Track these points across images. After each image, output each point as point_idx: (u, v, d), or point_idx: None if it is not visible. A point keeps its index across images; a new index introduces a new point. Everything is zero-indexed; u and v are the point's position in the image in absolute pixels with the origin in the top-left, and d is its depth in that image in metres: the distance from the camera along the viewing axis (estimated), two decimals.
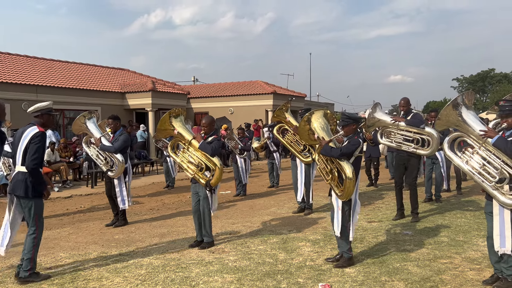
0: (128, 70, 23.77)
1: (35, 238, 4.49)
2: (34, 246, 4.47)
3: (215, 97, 22.23)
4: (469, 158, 4.00)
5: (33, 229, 4.50)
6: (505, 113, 3.89)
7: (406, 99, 6.86)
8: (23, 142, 4.46)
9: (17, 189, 4.43)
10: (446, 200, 8.39)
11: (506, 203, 3.80)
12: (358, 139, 4.59)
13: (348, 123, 4.68)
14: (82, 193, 10.64)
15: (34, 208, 4.49)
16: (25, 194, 4.42)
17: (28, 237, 4.49)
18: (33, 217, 4.49)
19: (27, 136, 4.48)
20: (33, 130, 4.51)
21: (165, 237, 6.18)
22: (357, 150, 4.53)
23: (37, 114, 4.64)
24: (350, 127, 4.68)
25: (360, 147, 4.55)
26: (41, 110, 4.66)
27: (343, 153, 4.50)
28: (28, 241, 4.47)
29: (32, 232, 4.50)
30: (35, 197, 4.49)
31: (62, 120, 16.42)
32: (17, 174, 4.48)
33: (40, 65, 18.17)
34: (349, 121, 4.68)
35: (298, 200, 7.50)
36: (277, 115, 7.69)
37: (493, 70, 62.15)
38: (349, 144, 4.57)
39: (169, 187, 11.28)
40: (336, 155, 4.52)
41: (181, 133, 5.48)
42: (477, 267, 4.56)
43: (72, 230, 6.96)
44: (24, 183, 4.41)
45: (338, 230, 4.66)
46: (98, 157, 7.05)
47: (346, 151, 4.52)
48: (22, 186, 4.41)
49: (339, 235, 4.69)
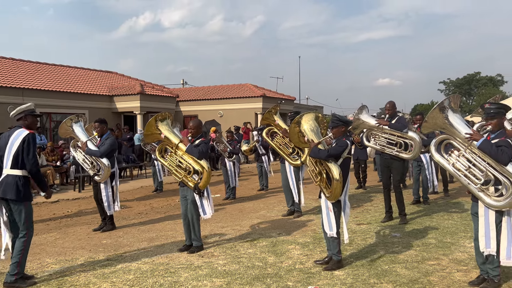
0: (116, 73, 23.63)
1: (25, 241, 4.45)
2: (23, 250, 4.41)
3: (204, 100, 22.19)
4: (455, 161, 4.05)
5: (24, 232, 4.46)
6: (490, 115, 3.94)
7: (391, 102, 6.92)
8: (13, 146, 4.43)
9: (7, 192, 4.38)
10: (434, 202, 8.47)
11: (492, 204, 3.86)
12: (346, 140, 4.62)
13: (338, 125, 4.72)
14: (69, 198, 10.52)
15: (25, 212, 4.45)
16: (17, 198, 4.38)
17: (18, 240, 4.44)
18: (24, 221, 4.45)
19: (16, 139, 4.45)
20: (21, 132, 4.50)
21: (154, 242, 6.13)
22: (344, 152, 4.56)
23: (20, 117, 4.61)
24: (339, 129, 4.72)
25: (347, 148, 4.58)
26: (23, 112, 4.62)
27: (330, 155, 4.53)
28: (18, 244, 4.42)
29: (23, 235, 4.46)
30: (26, 201, 4.47)
31: (49, 123, 16.23)
32: (6, 177, 4.43)
33: (26, 68, 17.95)
34: (338, 123, 4.72)
35: (296, 201, 7.47)
36: (266, 118, 7.69)
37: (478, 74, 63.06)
38: (337, 145, 4.61)
39: (158, 191, 11.21)
40: (323, 157, 4.55)
41: (168, 137, 5.45)
42: (464, 268, 4.61)
43: (59, 235, 6.87)
44: (15, 186, 4.38)
45: (333, 231, 4.65)
46: (85, 161, 6.98)
47: (333, 152, 4.55)
48: (13, 189, 4.37)
49: (335, 235, 4.66)
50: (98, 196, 6.95)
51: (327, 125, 5.24)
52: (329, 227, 4.67)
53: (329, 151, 4.53)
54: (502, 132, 3.97)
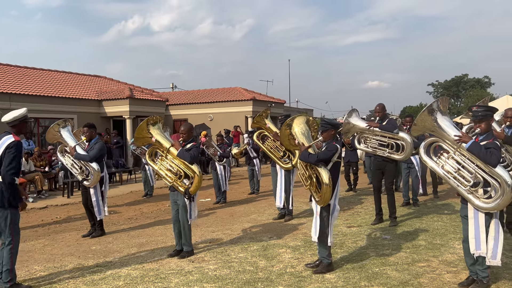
0: (104, 77, 23.44)
1: (12, 248, 4.41)
2: (11, 256, 4.38)
3: (194, 104, 22.13)
4: (444, 163, 4.08)
5: (9, 239, 4.40)
6: (478, 118, 3.98)
7: (381, 105, 6.97)
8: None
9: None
10: (423, 203, 8.53)
11: (481, 206, 3.89)
12: (335, 144, 4.62)
13: (327, 129, 4.71)
14: (58, 203, 10.39)
15: (10, 218, 4.39)
16: (1, 204, 4.32)
17: (5, 248, 4.39)
18: (9, 227, 4.39)
19: (2, 145, 4.38)
20: (8, 139, 4.43)
21: (144, 247, 6.08)
22: (334, 156, 4.56)
23: (14, 124, 4.57)
24: (328, 132, 4.71)
25: (337, 152, 4.58)
26: (18, 120, 4.59)
27: (320, 159, 4.53)
28: (5, 252, 4.38)
29: (8, 242, 4.41)
30: (11, 207, 4.39)
31: (37, 128, 16.04)
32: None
33: (14, 72, 17.73)
34: (327, 126, 4.72)
35: (279, 206, 7.49)
36: (257, 121, 7.70)
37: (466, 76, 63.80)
38: (326, 149, 4.61)
39: (148, 196, 11.12)
40: (313, 161, 4.55)
41: (159, 141, 5.41)
42: (454, 269, 4.63)
43: (48, 241, 6.78)
44: (0, 192, 4.30)
45: (316, 235, 4.68)
46: (73, 166, 6.90)
47: (323, 156, 4.55)
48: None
49: (316, 240, 4.70)
50: (88, 201, 6.88)
51: (317, 127, 5.25)
52: (315, 232, 4.69)
53: (318, 156, 4.53)
54: (490, 134, 4.01)
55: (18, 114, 4.60)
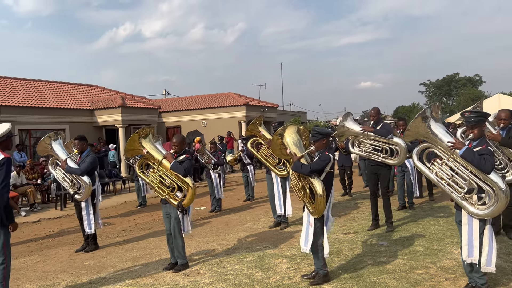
0: (96, 86, 23.31)
1: (4, 268, 4.32)
2: (4, 276, 4.30)
3: (187, 111, 22.02)
4: (438, 170, 4.04)
5: (2, 259, 4.31)
6: (470, 124, 3.95)
7: (376, 109, 6.94)
8: None
9: None
10: (419, 206, 8.50)
11: (475, 213, 3.85)
12: (328, 154, 4.54)
13: (319, 138, 4.63)
14: (50, 217, 10.26)
15: (3, 237, 4.30)
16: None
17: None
18: (2, 247, 4.30)
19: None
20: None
21: (138, 261, 5.99)
22: (327, 166, 4.48)
23: (1, 141, 4.46)
24: (320, 142, 4.64)
25: (331, 162, 4.50)
26: (5, 136, 4.49)
27: (313, 170, 4.45)
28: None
29: (1, 262, 4.31)
30: (3, 226, 4.30)
31: (28, 140, 15.88)
32: None
33: (4, 84, 17.57)
34: (319, 136, 4.63)
35: (280, 213, 7.40)
36: (251, 129, 7.63)
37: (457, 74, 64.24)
38: (319, 160, 4.53)
39: (142, 206, 11.02)
40: (306, 172, 4.47)
41: (151, 153, 5.33)
42: (452, 276, 4.58)
43: (40, 257, 6.67)
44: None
45: (307, 247, 4.57)
46: (64, 179, 6.79)
47: (316, 167, 4.47)
48: None
49: (307, 252, 4.60)
50: (81, 214, 6.76)
51: (308, 136, 5.18)
52: (305, 242, 4.58)
53: (311, 166, 4.45)
54: (483, 139, 3.98)
55: (4, 131, 4.50)
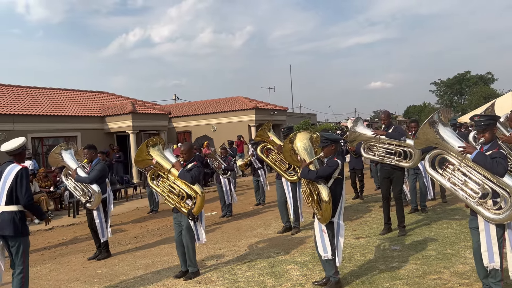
0: (107, 92, 23.52)
1: (23, 277, 4.45)
2: (23, 285, 4.42)
3: (197, 115, 22.11)
4: (450, 176, 3.98)
5: (20, 268, 4.46)
6: (481, 128, 3.89)
7: (386, 112, 6.89)
8: (7, 181, 4.48)
9: (5, 229, 4.39)
10: (432, 209, 8.39)
11: (491, 218, 3.78)
12: (336, 160, 4.50)
13: (327, 144, 4.60)
14: (64, 224, 10.37)
15: (23, 247, 4.47)
16: (15, 233, 4.40)
17: (15, 278, 4.43)
18: (21, 256, 4.46)
19: (9, 175, 4.49)
20: (14, 168, 4.54)
21: (150, 268, 6.01)
22: (335, 172, 4.44)
23: (16, 153, 4.66)
24: (329, 148, 4.60)
25: (338, 168, 4.45)
26: (21, 148, 4.69)
27: (319, 176, 4.42)
28: (16, 282, 4.42)
29: (20, 271, 4.46)
30: (24, 236, 4.48)
31: (41, 148, 16.07)
32: (2, 214, 4.44)
33: (16, 93, 17.83)
34: (327, 142, 4.59)
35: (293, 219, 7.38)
36: (260, 135, 7.63)
37: (468, 73, 63.52)
38: (326, 166, 4.50)
39: (153, 212, 11.07)
40: (312, 178, 4.45)
41: (160, 162, 5.36)
42: (466, 281, 4.51)
43: (53, 266, 6.73)
44: (12, 222, 4.39)
45: (328, 254, 4.49)
46: (76, 188, 6.87)
47: (322, 173, 4.43)
48: (10, 225, 4.39)
49: (330, 257, 4.51)
50: (92, 224, 6.83)
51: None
52: (323, 249, 4.52)
53: (317, 173, 4.43)
54: (495, 143, 3.92)
55: (19, 143, 4.68)
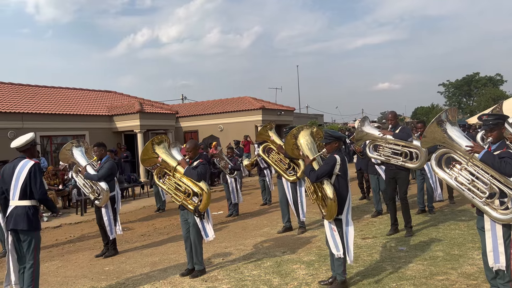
0: (115, 92, 23.67)
1: (33, 271, 4.50)
2: (33, 280, 4.47)
3: (204, 115, 22.17)
4: (457, 175, 3.97)
5: (31, 263, 4.51)
6: (489, 127, 3.87)
7: (393, 112, 6.87)
8: (20, 176, 4.52)
9: (19, 223, 4.46)
10: (439, 210, 8.35)
11: (498, 218, 3.76)
12: (334, 156, 4.48)
13: (330, 141, 4.60)
14: (71, 222, 10.44)
15: (35, 241, 4.53)
16: (29, 228, 4.47)
17: (26, 272, 4.49)
18: (32, 251, 4.52)
19: (22, 170, 4.54)
20: (27, 163, 4.59)
21: (157, 266, 6.04)
22: (335, 168, 4.43)
23: (25, 149, 4.72)
24: (331, 145, 4.60)
25: (337, 164, 4.43)
26: (29, 144, 4.73)
27: (319, 176, 4.43)
28: (26, 276, 4.48)
29: (30, 266, 4.51)
30: (36, 230, 4.56)
31: (49, 146, 16.22)
32: (16, 209, 4.50)
33: (25, 92, 18.00)
34: (331, 139, 4.60)
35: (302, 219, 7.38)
36: (261, 133, 7.65)
37: (477, 74, 62.93)
38: (325, 163, 4.51)
39: (160, 211, 11.12)
40: (313, 180, 4.47)
41: (166, 160, 5.39)
42: (474, 283, 4.49)
43: (61, 263, 6.79)
44: (26, 216, 4.46)
45: (340, 252, 4.46)
46: (85, 185, 6.93)
47: (321, 171, 4.44)
48: (24, 219, 4.46)
49: (342, 256, 4.49)
50: (101, 221, 6.88)
51: (321, 136, 5.16)
52: (336, 248, 4.50)
53: (317, 174, 4.43)
54: (503, 142, 3.89)
55: (28, 139, 4.72)
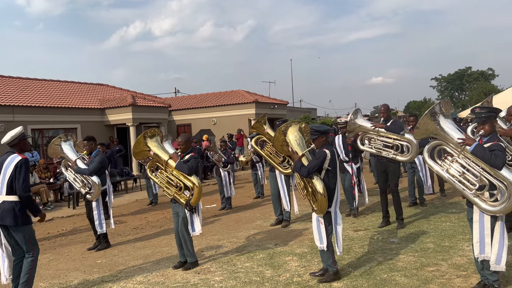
0: (107, 85, 23.47)
1: (32, 260, 4.52)
2: (31, 268, 4.48)
3: (197, 108, 22.09)
4: (449, 166, 4.00)
5: (30, 253, 4.52)
6: (481, 120, 3.90)
7: (386, 105, 6.89)
8: (6, 172, 4.48)
9: (5, 218, 4.41)
10: (431, 203, 8.42)
11: (488, 209, 3.80)
12: (324, 150, 4.47)
13: (317, 136, 4.58)
14: (63, 215, 10.40)
15: (26, 234, 4.50)
16: (15, 223, 4.42)
17: (25, 260, 4.50)
18: (27, 243, 4.51)
19: (9, 165, 4.50)
20: (14, 158, 4.54)
21: (149, 258, 6.04)
22: (325, 163, 4.42)
23: (14, 143, 4.67)
24: (319, 139, 4.58)
25: (326, 158, 4.43)
26: (17, 138, 4.68)
27: (310, 171, 4.41)
28: (25, 264, 4.48)
29: (30, 255, 4.51)
30: (25, 224, 4.49)
31: (41, 139, 16.08)
32: (3, 204, 4.46)
33: (16, 84, 17.79)
34: (317, 134, 4.57)
35: (288, 210, 7.42)
36: (255, 127, 7.63)
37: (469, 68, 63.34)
38: (315, 158, 4.50)
39: (153, 204, 11.10)
40: (304, 175, 4.46)
41: (157, 154, 5.36)
42: (464, 273, 4.54)
43: (53, 256, 6.76)
44: (13, 211, 4.41)
45: (324, 244, 4.56)
46: (75, 180, 6.88)
47: (311, 167, 4.42)
48: (10, 215, 4.41)
49: (325, 249, 4.58)
50: (91, 214, 6.84)
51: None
52: (320, 240, 4.56)
53: (308, 169, 4.42)
54: (494, 135, 3.93)
55: (15, 133, 4.68)
